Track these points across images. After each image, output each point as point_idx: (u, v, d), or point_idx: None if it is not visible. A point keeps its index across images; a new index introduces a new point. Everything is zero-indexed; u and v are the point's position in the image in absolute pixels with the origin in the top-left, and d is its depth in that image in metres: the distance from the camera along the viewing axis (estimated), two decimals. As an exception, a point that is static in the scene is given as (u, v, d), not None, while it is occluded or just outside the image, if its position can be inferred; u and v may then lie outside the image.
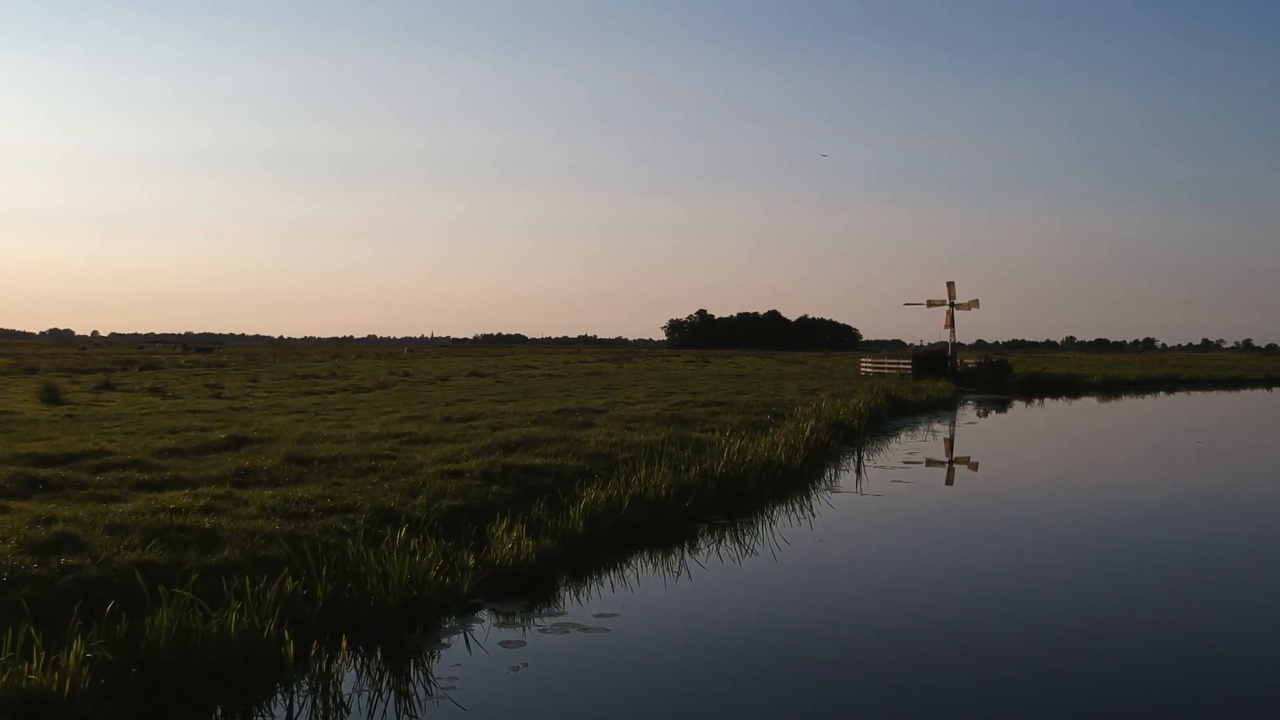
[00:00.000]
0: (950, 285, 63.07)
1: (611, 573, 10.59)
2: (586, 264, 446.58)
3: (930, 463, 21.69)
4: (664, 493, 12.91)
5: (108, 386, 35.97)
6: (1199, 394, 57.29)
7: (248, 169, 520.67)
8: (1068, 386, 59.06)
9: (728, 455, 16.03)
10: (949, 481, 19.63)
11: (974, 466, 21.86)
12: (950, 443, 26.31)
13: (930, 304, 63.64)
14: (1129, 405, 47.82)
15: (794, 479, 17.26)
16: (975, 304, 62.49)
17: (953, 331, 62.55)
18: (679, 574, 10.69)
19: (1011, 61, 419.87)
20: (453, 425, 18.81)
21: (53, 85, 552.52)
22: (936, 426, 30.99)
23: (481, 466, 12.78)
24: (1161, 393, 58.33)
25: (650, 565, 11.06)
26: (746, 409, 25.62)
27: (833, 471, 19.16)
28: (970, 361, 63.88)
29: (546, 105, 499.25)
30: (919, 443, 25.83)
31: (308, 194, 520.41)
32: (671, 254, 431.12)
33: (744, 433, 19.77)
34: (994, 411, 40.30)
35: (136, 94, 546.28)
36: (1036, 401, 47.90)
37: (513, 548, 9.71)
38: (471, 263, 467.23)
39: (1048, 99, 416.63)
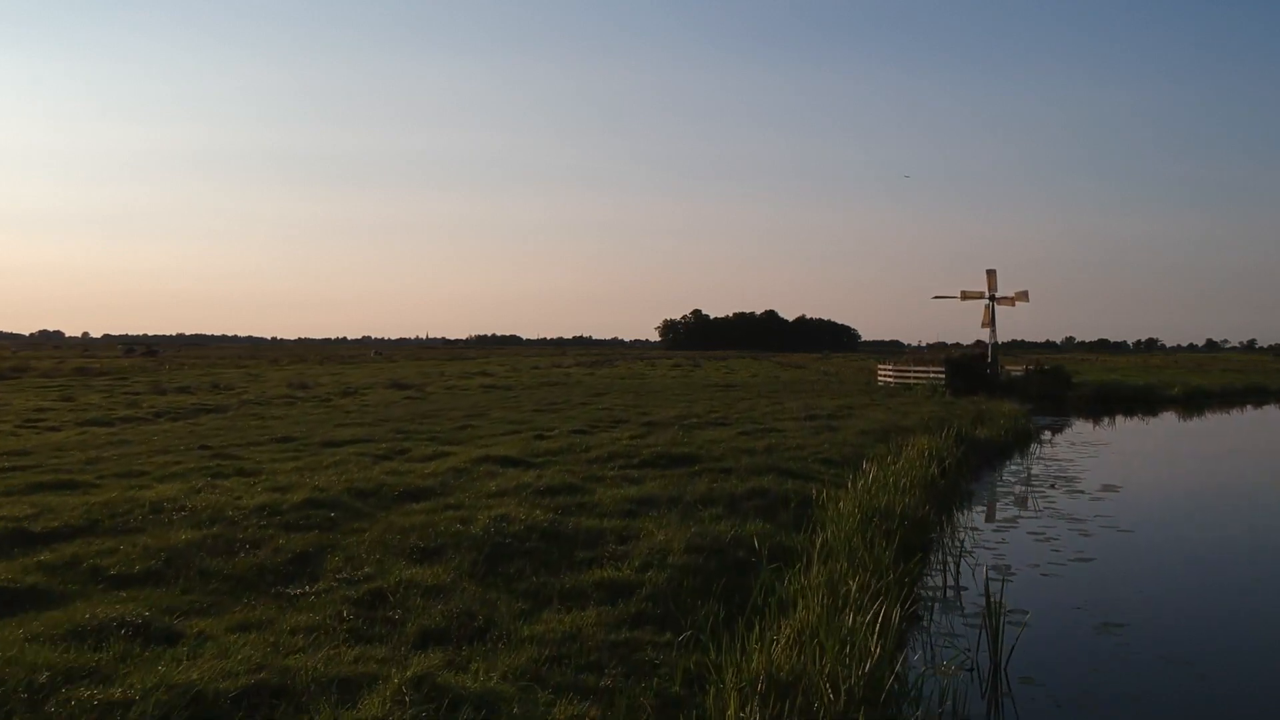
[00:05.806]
0: (991, 275, 50.52)
1: None
2: (584, 264, 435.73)
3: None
4: None
5: None
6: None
7: (248, 169, 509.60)
8: (1145, 400, 46.62)
9: None
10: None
11: None
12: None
13: (965, 296, 50.96)
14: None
15: None
16: (1024, 297, 49.85)
17: (993, 331, 50.08)
18: None
19: (1011, 61, 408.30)
20: None
21: (53, 85, 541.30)
22: (1052, 494, 17.86)
23: None
24: (1249, 406, 46.32)
25: None
26: (713, 488, 13.18)
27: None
28: (1015, 369, 50.50)
29: (546, 105, 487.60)
30: (1061, 558, 12.66)
31: (308, 194, 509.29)
32: (669, 254, 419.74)
33: (685, 622, 7.41)
34: (1107, 446, 26.54)
35: (136, 94, 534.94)
36: (1110, 421, 35.43)
37: None
38: (470, 263, 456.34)
39: (1048, 99, 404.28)
